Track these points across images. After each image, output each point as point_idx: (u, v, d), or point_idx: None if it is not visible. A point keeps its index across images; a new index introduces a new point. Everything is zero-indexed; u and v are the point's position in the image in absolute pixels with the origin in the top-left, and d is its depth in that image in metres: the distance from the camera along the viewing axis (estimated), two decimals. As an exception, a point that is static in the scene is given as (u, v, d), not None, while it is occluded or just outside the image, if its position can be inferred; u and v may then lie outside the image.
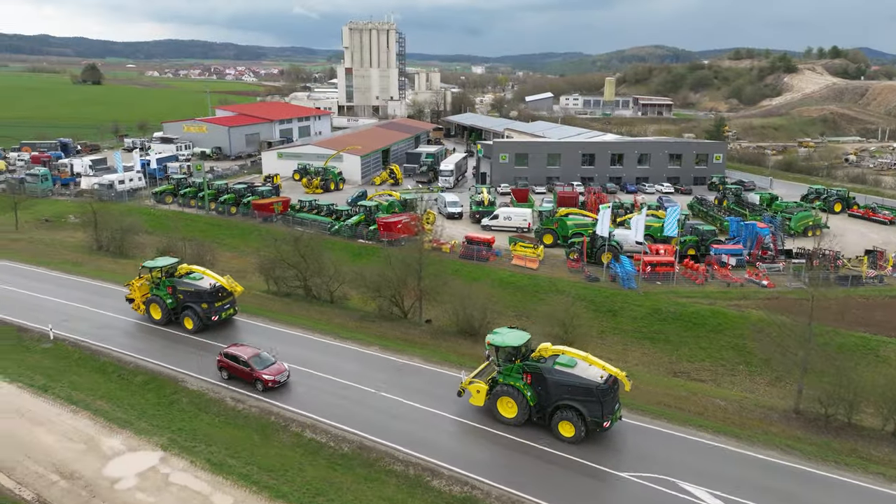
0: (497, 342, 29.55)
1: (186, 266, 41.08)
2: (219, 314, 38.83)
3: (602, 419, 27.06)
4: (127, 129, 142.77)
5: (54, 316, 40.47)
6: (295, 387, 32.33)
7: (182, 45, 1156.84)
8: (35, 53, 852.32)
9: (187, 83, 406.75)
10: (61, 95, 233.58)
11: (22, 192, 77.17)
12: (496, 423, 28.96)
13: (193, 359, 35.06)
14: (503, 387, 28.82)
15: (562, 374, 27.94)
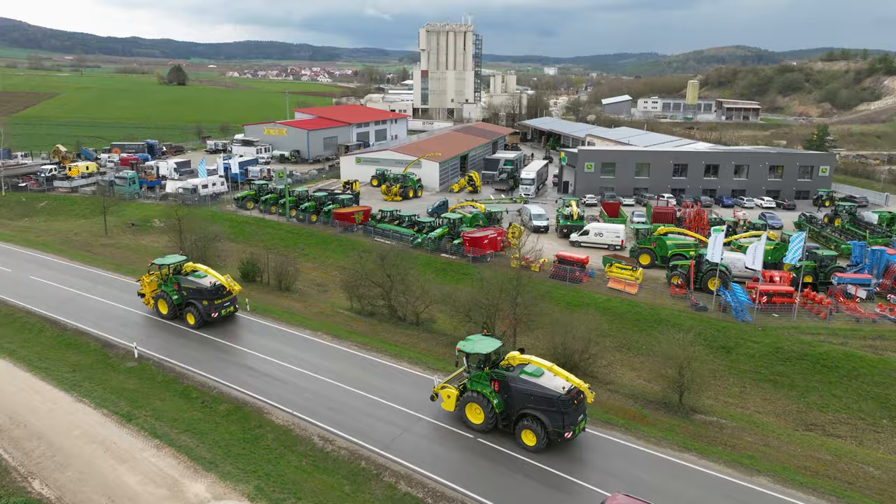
0: (467, 349, 30.14)
1: (192, 264, 42.69)
2: (218, 311, 40.55)
3: (563, 430, 27.27)
4: (209, 131, 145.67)
5: (139, 331, 39.55)
6: (387, 426, 29.75)
7: (261, 46, 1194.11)
8: (126, 55, 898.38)
9: (266, 84, 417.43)
10: (149, 96, 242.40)
11: (111, 195, 78.68)
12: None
13: (276, 385, 33.14)
14: (471, 393, 29.43)
15: (526, 384, 28.28)
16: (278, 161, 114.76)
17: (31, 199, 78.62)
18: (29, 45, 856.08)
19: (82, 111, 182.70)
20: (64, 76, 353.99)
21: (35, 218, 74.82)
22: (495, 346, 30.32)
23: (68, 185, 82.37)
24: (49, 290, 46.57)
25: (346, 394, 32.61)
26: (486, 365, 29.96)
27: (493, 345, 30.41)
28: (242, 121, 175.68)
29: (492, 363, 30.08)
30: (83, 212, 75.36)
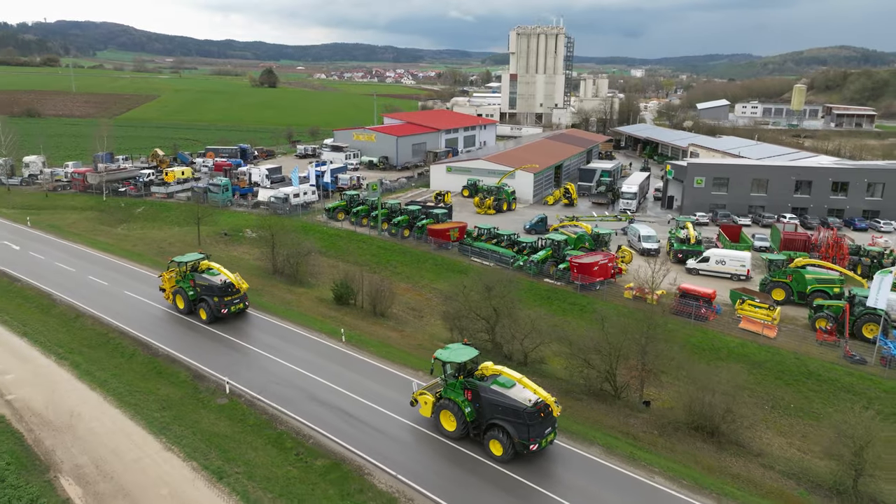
0: (443, 357, 30.66)
1: (207, 262, 45.11)
2: (228, 308, 42.65)
3: (528, 441, 27.52)
4: (298, 135, 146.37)
5: (232, 361, 37.07)
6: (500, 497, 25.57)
7: (346, 48, 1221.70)
8: (221, 57, 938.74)
9: (351, 86, 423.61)
10: (241, 98, 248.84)
11: (205, 202, 78.41)
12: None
13: (378, 439, 29.58)
14: (445, 400, 29.97)
15: (495, 394, 28.83)
16: (366, 167, 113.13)
17: (130, 204, 79.38)
18: (135, 49, 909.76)
19: (180, 113, 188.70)
20: (164, 78, 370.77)
21: (132, 224, 75.25)
22: (471, 356, 30.77)
23: (164, 190, 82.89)
24: (142, 308, 45.12)
25: (454, 457, 28.66)
26: (461, 374, 30.53)
27: (469, 354, 30.88)
28: (330, 124, 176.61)
29: (467, 372, 30.65)
30: (178, 219, 75.21)
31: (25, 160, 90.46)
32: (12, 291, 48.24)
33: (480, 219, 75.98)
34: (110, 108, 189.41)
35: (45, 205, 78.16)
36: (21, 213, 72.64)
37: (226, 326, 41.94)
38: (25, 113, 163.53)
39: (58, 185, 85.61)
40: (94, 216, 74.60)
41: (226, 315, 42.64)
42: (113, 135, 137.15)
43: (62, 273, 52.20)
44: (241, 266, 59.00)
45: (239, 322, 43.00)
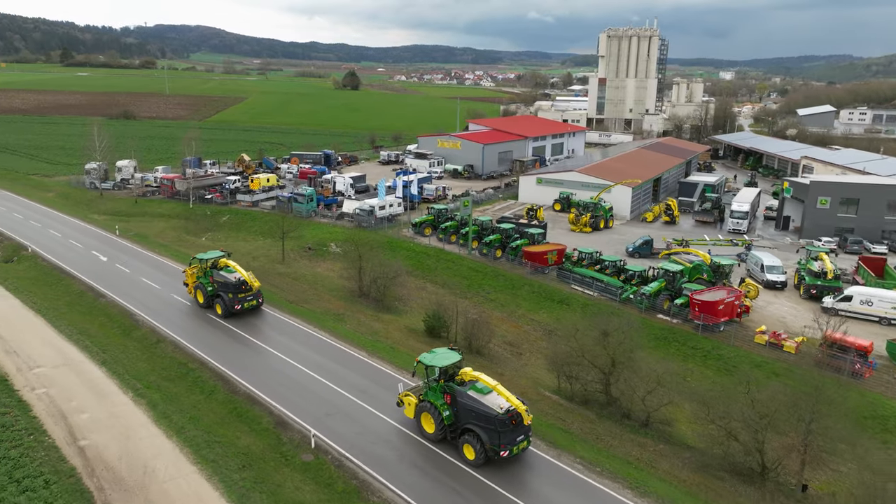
0: (426, 361, 31.21)
1: (225, 260, 47.58)
2: (241, 304, 44.90)
3: (499, 448, 27.93)
4: (381, 140, 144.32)
5: (318, 406, 33.37)
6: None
7: (426, 49, 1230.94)
8: (305, 58, 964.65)
9: (431, 88, 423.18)
10: (325, 101, 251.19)
11: (289, 211, 76.32)
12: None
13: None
14: (425, 403, 30.52)
15: (470, 400, 29.26)
16: (450, 176, 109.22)
17: (216, 212, 78.26)
18: (225, 51, 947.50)
19: (266, 116, 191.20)
20: (252, 80, 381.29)
21: (217, 233, 73.93)
22: (453, 361, 31.29)
23: (249, 199, 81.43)
24: (226, 334, 42.36)
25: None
26: (442, 378, 30.98)
27: (452, 359, 31.45)
28: (412, 128, 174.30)
29: (448, 377, 31.14)
30: (262, 229, 73.29)
31: (118, 164, 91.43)
32: (97, 309, 46.62)
33: (576, 237, 70.43)
34: (200, 111, 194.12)
35: (134, 211, 78.07)
36: (111, 220, 72.50)
37: (312, 364, 38.39)
38: (122, 115, 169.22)
39: (147, 191, 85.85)
40: (180, 225, 73.71)
41: (239, 311, 44.90)
42: (201, 138, 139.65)
43: (146, 290, 50.40)
44: (326, 285, 55.93)
45: (327, 358, 39.36)
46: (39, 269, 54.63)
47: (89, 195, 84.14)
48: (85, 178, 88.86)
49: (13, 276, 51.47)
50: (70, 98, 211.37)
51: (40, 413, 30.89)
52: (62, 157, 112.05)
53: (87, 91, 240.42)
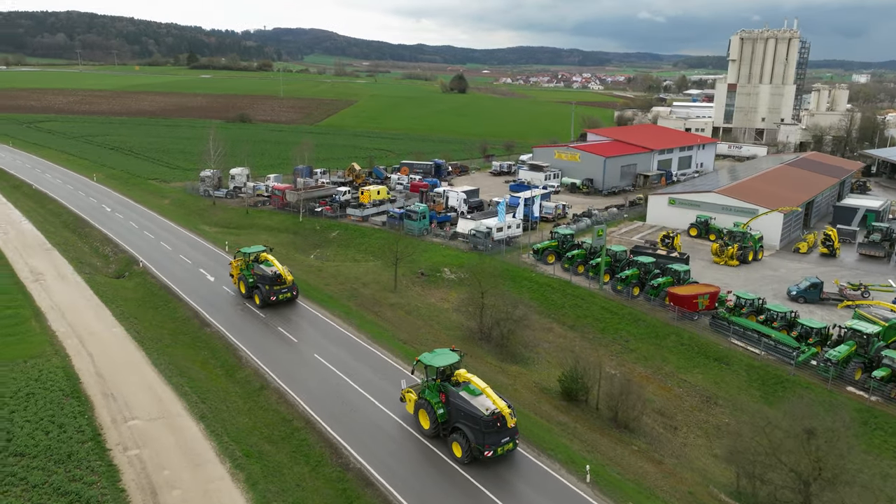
0: (425, 361, 32.54)
1: (265, 255, 50.32)
2: (276, 295, 48.16)
3: (483, 448, 28.99)
4: (492, 148, 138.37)
5: (446, 499, 27.48)
6: None
7: (532, 51, 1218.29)
8: (413, 61, 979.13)
9: (538, 91, 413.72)
10: (432, 104, 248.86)
11: (400, 228, 71.85)
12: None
13: None
14: (423, 400, 31.86)
15: (461, 400, 30.57)
16: (568, 190, 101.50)
17: (325, 227, 74.98)
18: (336, 53, 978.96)
19: (375, 120, 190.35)
20: (361, 83, 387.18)
21: (326, 249, 70.44)
22: (451, 362, 32.29)
23: (359, 213, 77.55)
24: (332, 382, 37.50)
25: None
26: (439, 378, 32.14)
27: (450, 360, 32.43)
28: (522, 135, 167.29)
29: (445, 376, 32.27)
30: (372, 247, 69.09)
31: (231, 172, 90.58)
32: (200, 341, 43.29)
33: (719, 271, 61.35)
34: (312, 114, 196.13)
35: (245, 223, 76.10)
36: (221, 233, 70.63)
37: (439, 442, 32.62)
38: (238, 118, 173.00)
39: (258, 201, 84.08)
40: (288, 240, 70.77)
41: (274, 302, 48.34)
42: (312, 142, 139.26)
43: (252, 319, 46.75)
44: (442, 321, 50.28)
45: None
46: (147, 288, 52.47)
47: (202, 203, 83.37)
48: (199, 185, 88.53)
49: (121, 297, 49.33)
50: (192, 100, 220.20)
51: (129, 484, 26.89)
52: (181, 160, 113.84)
53: (209, 93, 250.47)
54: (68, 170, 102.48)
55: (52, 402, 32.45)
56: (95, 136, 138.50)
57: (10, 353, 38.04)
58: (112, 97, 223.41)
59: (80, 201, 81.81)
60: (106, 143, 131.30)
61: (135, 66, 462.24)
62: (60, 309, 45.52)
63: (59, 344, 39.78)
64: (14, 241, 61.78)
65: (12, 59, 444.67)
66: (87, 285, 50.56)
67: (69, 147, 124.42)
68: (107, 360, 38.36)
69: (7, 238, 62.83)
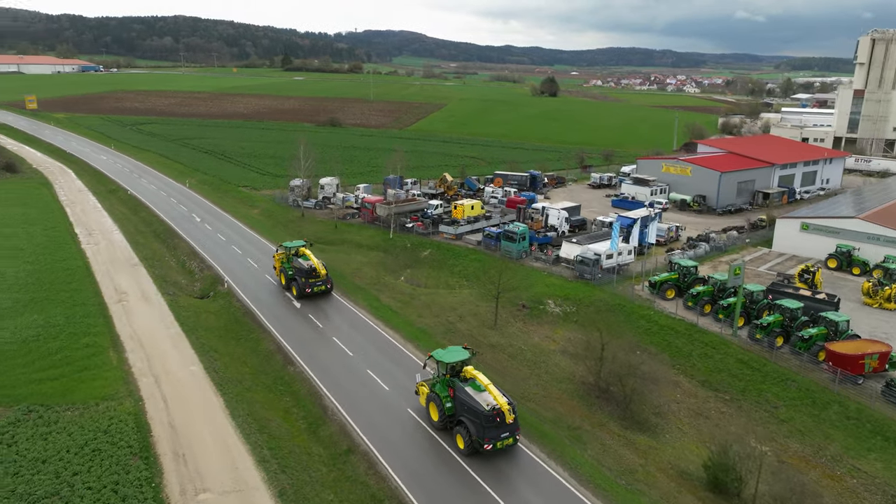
0: (437, 356, 34.31)
1: (304, 249, 53.80)
2: (311, 288, 51.97)
3: (483, 441, 30.55)
4: (590, 158, 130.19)
5: None
6: None
7: (622, 52, 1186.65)
8: (500, 62, 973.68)
9: (632, 95, 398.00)
10: (523, 108, 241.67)
11: (496, 249, 66.13)
12: None
13: None
14: (433, 394, 33.80)
15: (466, 395, 32.15)
16: (677, 208, 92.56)
17: (416, 245, 70.16)
18: (425, 54, 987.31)
19: (465, 125, 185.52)
20: (450, 85, 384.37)
21: (417, 270, 65.52)
22: (460, 358, 34.02)
23: (452, 231, 72.22)
24: (426, 446, 32.06)
25: None
26: (448, 373, 33.81)
27: (460, 356, 34.18)
28: (620, 144, 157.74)
29: (455, 372, 33.86)
30: (466, 271, 63.67)
31: (321, 182, 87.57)
32: (283, 382, 39.01)
33: (877, 318, 51.92)
34: (401, 118, 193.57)
35: (334, 238, 72.34)
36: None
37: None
38: (329, 122, 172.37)
39: (347, 214, 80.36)
40: (378, 259, 66.32)
41: (309, 294, 51.73)
42: (403, 152, 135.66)
43: (339, 358, 42.15)
44: (550, 369, 43.98)
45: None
46: (231, 314, 49.01)
47: (291, 214, 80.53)
48: (289, 194, 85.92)
49: (203, 325, 45.98)
50: (285, 103, 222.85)
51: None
52: (271, 166, 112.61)
53: (300, 96, 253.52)
54: (163, 175, 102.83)
55: (118, 464, 28.67)
56: (192, 139, 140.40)
57: (83, 391, 34.93)
58: (209, 99, 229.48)
59: (172, 209, 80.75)
60: (201, 146, 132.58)
61: (233, 69, 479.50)
62: (139, 338, 42.51)
63: (134, 383, 36.41)
64: (104, 254, 60.30)
65: (123, 61, 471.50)
66: (170, 309, 47.59)
67: (167, 150, 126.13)
68: (181, 406, 34.55)
69: (97, 250, 61.50)
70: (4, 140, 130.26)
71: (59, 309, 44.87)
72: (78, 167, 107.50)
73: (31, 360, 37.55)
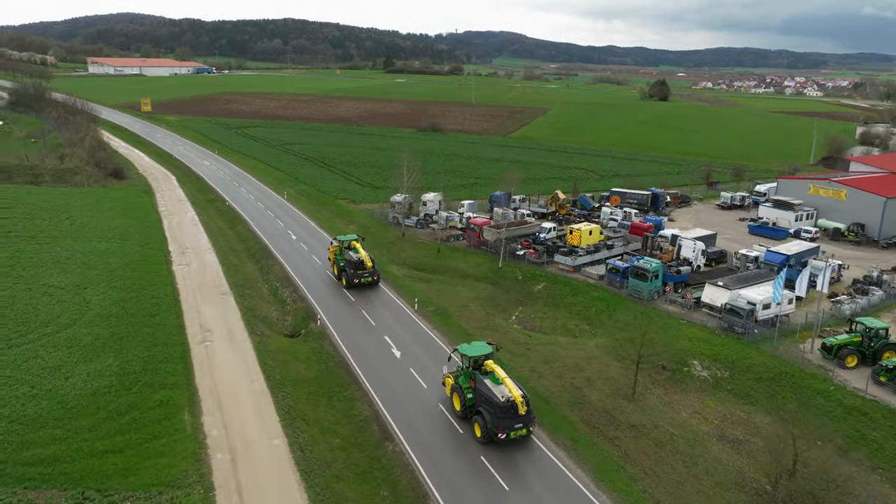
0: (462, 350, 36.89)
1: (355, 243, 58.73)
2: (359, 279, 55.89)
3: (497, 430, 32.75)
4: (717, 173, 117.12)
5: None
6: None
7: (732, 52, 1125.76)
8: (601, 63, 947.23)
9: (748, 98, 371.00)
10: (631, 113, 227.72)
11: (622, 287, 57.11)
12: None
13: None
14: (457, 385, 36.11)
15: (485, 387, 34.40)
16: (828, 237, 79.28)
17: (528, 276, 62.08)
18: (524, 55, 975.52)
19: (570, 132, 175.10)
20: (552, 88, 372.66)
21: (530, 308, 57.50)
22: (483, 353, 36.52)
23: (570, 262, 63.48)
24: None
25: None
26: (471, 365, 36.31)
27: (482, 351, 36.65)
28: (745, 154, 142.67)
29: (477, 365, 36.41)
30: (589, 312, 54.98)
31: (423, 198, 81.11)
32: (379, 466, 32.09)
33: None
34: (504, 124, 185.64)
35: (437, 265, 65.48)
36: (410, 279, 60.56)
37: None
38: (430, 127, 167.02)
39: (451, 235, 73.33)
40: (487, 294, 58.79)
41: (357, 284, 55.40)
42: (507, 159, 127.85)
43: (448, 435, 34.82)
44: (708, 466, 34.68)
45: None
46: (323, 362, 42.89)
47: (391, 234, 74.50)
48: (389, 210, 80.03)
49: (291, 376, 40.01)
50: (386, 107, 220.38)
51: None
52: (371, 176, 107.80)
53: (402, 99, 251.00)
54: (263, 184, 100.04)
55: None
56: (293, 145, 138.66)
57: (149, 471, 29.47)
58: (313, 102, 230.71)
59: (269, 224, 76.78)
60: (302, 152, 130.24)
61: (336, 70, 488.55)
62: (219, 394, 36.99)
63: (207, 462, 30.60)
64: (194, 278, 56.21)
65: (234, 63, 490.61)
66: (256, 354, 42.01)
67: (268, 156, 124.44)
68: (257, 499, 28.22)
69: (188, 272, 57.56)
70: (118, 143, 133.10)
71: (139, 350, 40.25)
72: (181, 173, 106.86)
73: (98, 422, 32.65)
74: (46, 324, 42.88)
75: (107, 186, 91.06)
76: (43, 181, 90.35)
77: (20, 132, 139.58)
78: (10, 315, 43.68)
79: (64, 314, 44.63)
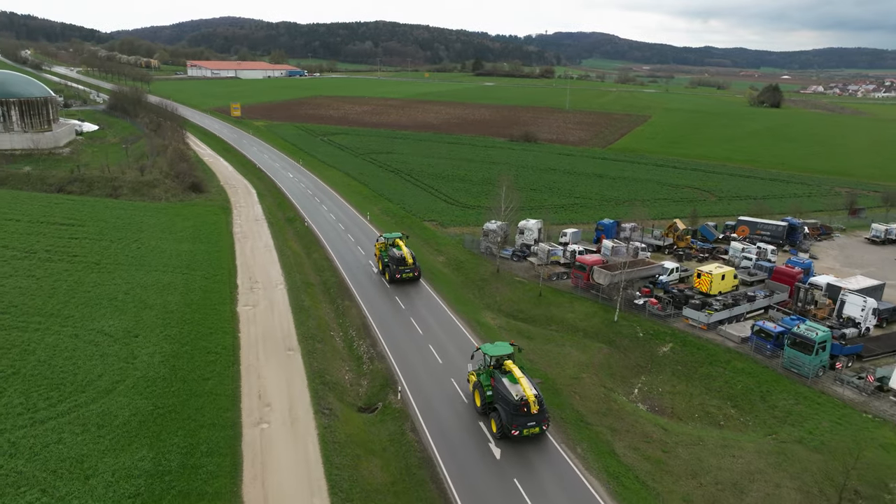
0: (484, 350, 38.43)
1: (398, 240, 61.24)
2: (401, 274, 58.57)
3: (511, 427, 34.19)
4: (862, 199, 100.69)
5: None
6: None
7: (843, 53, 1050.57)
8: (698, 64, 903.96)
9: (870, 105, 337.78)
10: (742, 123, 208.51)
11: (771, 357, 45.30)
12: None
13: None
14: (478, 382, 37.81)
15: (502, 385, 35.70)
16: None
17: (650, 333, 51.04)
18: (616, 57, 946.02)
19: (675, 144, 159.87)
20: (650, 93, 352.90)
21: (655, 378, 46.65)
22: (503, 353, 37.90)
23: (704, 320, 51.80)
24: None
25: None
26: (491, 364, 38.08)
27: (503, 351, 38.08)
28: (885, 174, 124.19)
29: (497, 364, 38.02)
30: (733, 389, 43.72)
31: (520, 226, 71.30)
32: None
33: None
34: (601, 133, 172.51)
35: (538, 314, 55.52)
36: (506, 330, 50.72)
37: None
38: (522, 136, 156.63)
39: (554, 274, 63.06)
40: (601, 357, 48.26)
41: (399, 280, 58.62)
42: (609, 175, 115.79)
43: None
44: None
45: None
46: (402, 459, 33.93)
47: (483, 269, 65.14)
48: (482, 239, 70.69)
49: (361, 485, 31.11)
50: (475, 113, 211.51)
51: None
52: (460, 192, 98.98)
53: (491, 104, 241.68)
54: (346, 202, 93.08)
55: None
56: (379, 154, 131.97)
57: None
58: (401, 107, 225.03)
59: (348, 253, 69.20)
60: (388, 162, 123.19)
61: (425, 73, 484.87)
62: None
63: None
64: (259, 323, 48.78)
65: (326, 65, 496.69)
66: (320, 447, 33.48)
67: (353, 167, 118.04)
68: None
69: (253, 315, 50.24)
70: (203, 151, 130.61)
71: (180, 436, 32.64)
72: (263, 186, 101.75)
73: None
74: (83, 388, 36.20)
75: (184, 201, 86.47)
76: (121, 194, 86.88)
77: (114, 137, 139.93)
78: (46, 374, 37.35)
79: (105, 374, 37.92)
